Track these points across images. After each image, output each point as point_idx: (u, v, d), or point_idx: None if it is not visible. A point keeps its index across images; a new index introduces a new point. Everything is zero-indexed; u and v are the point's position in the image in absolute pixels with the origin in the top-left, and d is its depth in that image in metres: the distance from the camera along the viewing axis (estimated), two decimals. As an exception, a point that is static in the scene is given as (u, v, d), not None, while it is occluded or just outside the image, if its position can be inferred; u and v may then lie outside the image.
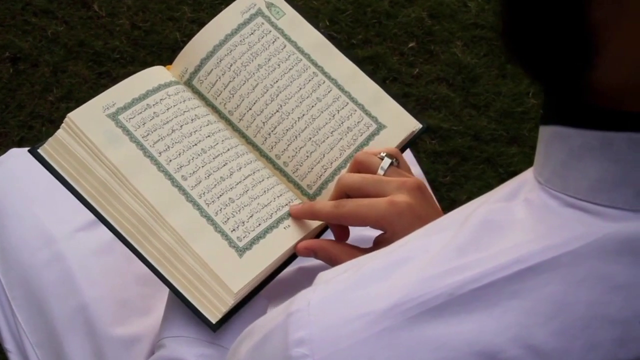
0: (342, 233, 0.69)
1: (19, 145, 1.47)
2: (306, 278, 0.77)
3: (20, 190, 0.86)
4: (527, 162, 1.62)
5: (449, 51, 1.75)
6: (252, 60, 0.73)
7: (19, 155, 0.91)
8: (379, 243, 0.66)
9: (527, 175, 0.46)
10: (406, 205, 0.63)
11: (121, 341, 0.78)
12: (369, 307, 0.41)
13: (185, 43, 1.87)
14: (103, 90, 0.69)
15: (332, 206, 0.66)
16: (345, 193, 0.67)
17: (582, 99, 0.40)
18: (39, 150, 0.66)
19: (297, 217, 0.69)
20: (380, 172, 0.66)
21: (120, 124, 0.67)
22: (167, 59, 1.62)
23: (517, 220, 0.42)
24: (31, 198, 0.85)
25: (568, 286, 0.39)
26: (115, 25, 1.67)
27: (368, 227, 0.68)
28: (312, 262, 0.77)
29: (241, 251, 0.65)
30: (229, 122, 0.72)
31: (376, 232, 0.83)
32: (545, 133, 0.44)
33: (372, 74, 0.75)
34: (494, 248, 0.41)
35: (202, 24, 1.66)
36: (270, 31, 0.74)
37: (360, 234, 0.77)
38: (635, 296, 0.39)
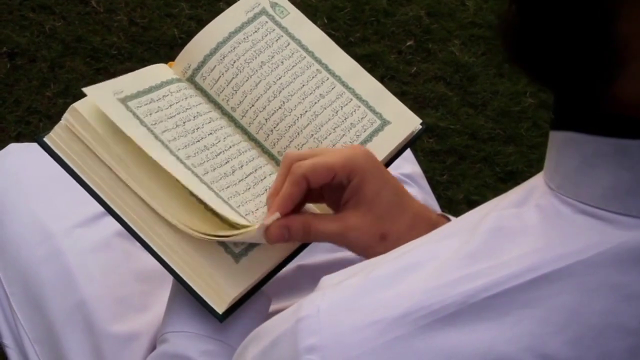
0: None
1: (17, 140, 1.47)
2: (306, 276, 0.77)
3: (19, 186, 0.86)
4: (524, 162, 1.62)
5: (447, 50, 1.75)
6: (256, 58, 0.72)
7: (17, 150, 0.91)
8: (348, 201, 0.61)
9: (537, 180, 0.45)
10: (363, 150, 0.61)
11: (119, 338, 0.77)
12: (379, 314, 0.41)
13: (183, 40, 1.85)
14: (101, 87, 0.68)
15: (291, 183, 0.59)
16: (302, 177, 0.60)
17: (598, 106, 0.40)
18: (45, 139, 0.65)
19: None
20: None
21: (130, 109, 0.66)
22: (165, 56, 1.62)
23: (529, 227, 0.42)
24: (29, 194, 0.85)
25: (581, 295, 0.39)
26: (113, 21, 1.67)
27: None
28: (312, 260, 0.77)
29: (237, 257, 0.65)
30: (231, 119, 0.72)
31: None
32: (557, 138, 0.43)
33: (369, 72, 0.75)
34: (506, 255, 0.41)
35: (200, 21, 1.67)
36: (274, 29, 0.74)
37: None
38: None
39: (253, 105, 0.71)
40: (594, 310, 0.39)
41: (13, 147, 0.93)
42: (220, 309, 0.63)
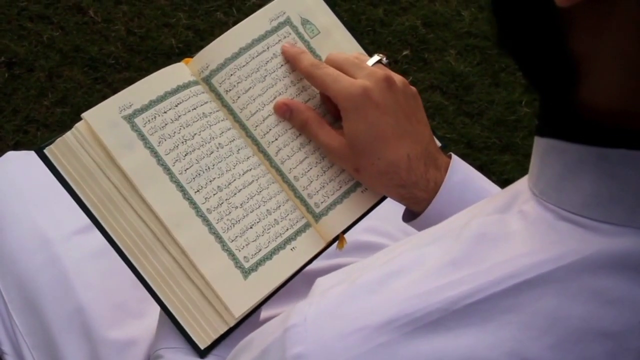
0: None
1: (14, 149, 1.47)
2: (305, 281, 0.77)
3: (17, 193, 0.86)
4: (520, 170, 1.62)
5: (443, 59, 1.76)
6: (275, 70, 0.71)
7: (16, 158, 0.91)
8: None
9: (521, 185, 0.46)
10: (361, 89, 0.65)
11: (117, 344, 0.78)
12: (364, 321, 0.41)
13: (180, 49, 1.84)
14: (98, 96, 0.67)
15: (311, 64, 0.69)
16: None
17: (576, 113, 0.41)
18: (45, 151, 0.64)
19: (285, 53, 0.71)
20: (368, 64, 0.69)
21: (135, 128, 0.64)
22: (162, 65, 1.60)
23: (512, 233, 0.43)
24: (27, 201, 0.86)
25: (562, 300, 0.39)
26: (111, 31, 1.67)
27: (365, 232, 0.67)
28: (312, 265, 0.77)
29: (246, 272, 0.64)
30: (243, 127, 0.70)
31: (376, 238, 0.84)
32: (541, 145, 0.44)
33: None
34: (489, 262, 0.41)
35: (197, 31, 1.68)
36: (295, 43, 0.72)
37: (355, 238, 0.77)
38: (627, 310, 0.39)
39: (267, 118, 0.70)
40: (575, 315, 0.39)
41: (11, 155, 0.93)
42: (202, 344, 0.63)
